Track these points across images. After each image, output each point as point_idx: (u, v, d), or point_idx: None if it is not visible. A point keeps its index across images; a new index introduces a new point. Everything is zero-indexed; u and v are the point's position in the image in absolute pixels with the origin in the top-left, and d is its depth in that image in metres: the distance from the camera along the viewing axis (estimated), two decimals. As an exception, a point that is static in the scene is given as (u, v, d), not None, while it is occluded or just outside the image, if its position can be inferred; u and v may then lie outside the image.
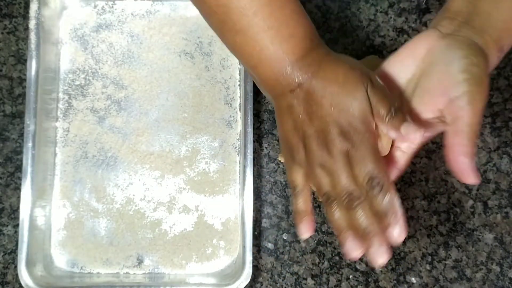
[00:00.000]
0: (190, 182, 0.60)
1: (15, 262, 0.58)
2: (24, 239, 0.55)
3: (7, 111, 0.61)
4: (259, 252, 0.60)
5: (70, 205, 0.59)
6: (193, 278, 0.58)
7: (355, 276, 0.59)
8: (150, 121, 0.61)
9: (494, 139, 0.61)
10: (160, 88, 0.61)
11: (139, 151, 0.60)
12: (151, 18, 0.62)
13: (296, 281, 0.59)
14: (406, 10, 0.63)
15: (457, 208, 0.60)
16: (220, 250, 0.59)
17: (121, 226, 0.59)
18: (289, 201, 0.60)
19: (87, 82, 0.61)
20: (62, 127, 0.60)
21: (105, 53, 0.61)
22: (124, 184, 0.60)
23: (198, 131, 0.61)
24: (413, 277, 0.59)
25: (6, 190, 0.60)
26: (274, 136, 0.61)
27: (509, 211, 0.60)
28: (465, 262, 0.60)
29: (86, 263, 0.59)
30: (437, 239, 0.60)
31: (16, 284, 0.59)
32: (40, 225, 0.57)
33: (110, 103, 0.61)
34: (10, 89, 0.61)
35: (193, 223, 0.60)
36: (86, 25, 0.62)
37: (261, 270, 0.60)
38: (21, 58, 0.62)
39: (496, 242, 0.60)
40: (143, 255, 0.59)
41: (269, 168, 0.61)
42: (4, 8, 0.62)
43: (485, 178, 0.60)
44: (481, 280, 0.59)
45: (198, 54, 0.61)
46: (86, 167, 0.60)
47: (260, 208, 0.60)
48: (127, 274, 0.59)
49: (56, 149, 0.60)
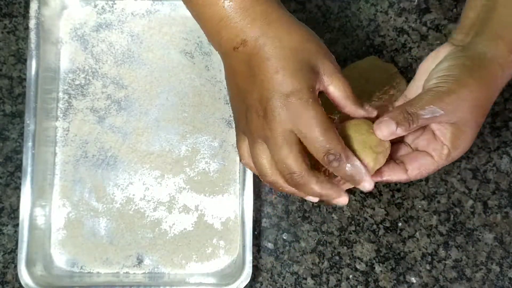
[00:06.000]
0: (190, 181, 0.60)
1: (15, 262, 0.58)
2: (24, 238, 0.55)
3: (7, 110, 0.61)
4: (259, 252, 0.60)
5: (70, 205, 0.59)
6: (193, 278, 0.58)
7: (355, 276, 0.59)
8: (150, 120, 0.61)
9: (494, 139, 0.61)
10: (160, 88, 0.61)
11: (139, 151, 0.60)
12: (151, 17, 0.62)
13: (296, 281, 0.59)
14: (406, 10, 0.63)
15: (457, 208, 0.60)
16: (220, 250, 0.59)
17: (121, 226, 0.59)
18: (289, 200, 0.60)
19: (87, 81, 0.61)
20: (62, 126, 0.60)
21: (105, 53, 0.61)
22: (124, 183, 0.60)
23: (198, 130, 0.61)
24: (413, 277, 0.59)
25: (6, 189, 0.60)
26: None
27: (509, 211, 0.60)
28: (465, 262, 0.60)
29: (86, 263, 0.59)
30: (437, 239, 0.60)
31: (16, 284, 0.59)
32: (40, 225, 0.57)
33: (110, 103, 0.61)
34: (10, 88, 0.61)
35: (193, 223, 0.60)
36: (86, 24, 0.62)
37: (261, 270, 0.60)
38: (21, 57, 0.62)
39: (496, 242, 0.60)
40: (143, 255, 0.59)
41: (269, 168, 0.61)
42: (4, 8, 0.62)
43: (485, 178, 0.60)
44: (481, 280, 0.59)
45: (198, 54, 0.61)
46: (86, 167, 0.60)
47: (260, 208, 0.60)
48: (127, 273, 0.59)
49: (56, 148, 0.60)
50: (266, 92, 0.37)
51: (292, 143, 0.38)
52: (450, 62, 0.42)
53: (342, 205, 0.40)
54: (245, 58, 0.38)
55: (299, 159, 0.38)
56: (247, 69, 0.38)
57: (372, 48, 0.62)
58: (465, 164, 0.61)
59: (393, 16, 0.63)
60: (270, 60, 0.37)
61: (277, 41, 0.37)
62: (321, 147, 0.37)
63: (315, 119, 0.37)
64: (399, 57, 0.62)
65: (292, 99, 0.37)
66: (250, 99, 0.39)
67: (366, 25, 0.62)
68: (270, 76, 0.37)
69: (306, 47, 0.38)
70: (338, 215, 0.60)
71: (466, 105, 0.41)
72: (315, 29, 0.62)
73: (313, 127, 0.37)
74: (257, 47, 0.38)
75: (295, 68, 0.37)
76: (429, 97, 0.40)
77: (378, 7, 0.63)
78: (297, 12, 0.62)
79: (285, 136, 0.37)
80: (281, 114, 0.37)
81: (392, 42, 0.62)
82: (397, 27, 0.62)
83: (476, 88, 0.41)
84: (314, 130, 0.37)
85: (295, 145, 0.38)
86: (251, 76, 0.38)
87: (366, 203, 0.60)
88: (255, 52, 0.38)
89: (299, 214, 0.60)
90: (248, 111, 0.39)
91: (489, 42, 0.42)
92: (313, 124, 0.37)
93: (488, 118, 0.61)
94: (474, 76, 0.41)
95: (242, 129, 0.41)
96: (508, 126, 0.61)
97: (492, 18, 0.42)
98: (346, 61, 0.62)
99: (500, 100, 0.61)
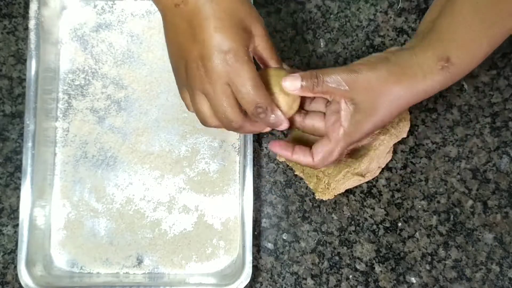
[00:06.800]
0: (190, 182, 0.60)
1: (15, 262, 0.58)
2: (24, 239, 0.55)
3: (7, 111, 0.61)
4: (259, 252, 0.60)
5: (70, 205, 0.59)
6: (193, 278, 0.58)
7: (355, 276, 0.59)
8: (150, 121, 0.61)
9: (494, 139, 0.61)
10: (160, 88, 0.61)
11: (139, 151, 0.60)
12: (151, 18, 0.62)
13: (296, 281, 0.59)
14: (406, 10, 0.63)
15: (457, 208, 0.60)
16: (220, 250, 0.59)
17: (121, 226, 0.59)
18: (289, 201, 0.60)
19: (87, 82, 0.61)
20: (62, 127, 0.60)
21: (105, 53, 0.61)
22: (124, 184, 0.60)
23: (198, 131, 0.61)
24: (413, 277, 0.59)
25: (6, 190, 0.60)
26: (274, 136, 0.61)
27: (509, 211, 0.60)
28: (464, 262, 0.60)
29: (86, 263, 0.59)
30: (437, 239, 0.60)
31: (16, 284, 0.59)
32: (40, 225, 0.57)
33: (110, 103, 0.61)
34: (10, 89, 0.61)
35: (193, 223, 0.60)
36: (86, 25, 0.61)
37: (261, 270, 0.60)
38: (21, 58, 0.62)
39: (496, 242, 0.60)
40: (143, 255, 0.59)
41: (269, 168, 0.61)
42: (4, 8, 0.62)
43: (485, 178, 0.60)
44: (481, 280, 0.59)
45: (198, 54, 0.61)
46: (86, 167, 0.60)
47: (260, 208, 0.60)
48: (127, 274, 0.59)
49: (55, 149, 0.60)
50: (206, 50, 0.41)
51: (229, 95, 0.43)
52: (379, 54, 0.46)
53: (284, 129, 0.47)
54: (186, 16, 0.41)
55: (236, 109, 0.43)
56: (188, 27, 0.42)
57: (372, 48, 0.62)
58: (465, 164, 0.61)
59: (392, 16, 0.63)
60: (209, 19, 0.41)
61: (215, 3, 0.41)
62: (252, 100, 0.42)
63: (248, 75, 0.41)
64: (399, 57, 0.62)
65: (229, 56, 0.41)
66: (191, 55, 0.42)
67: (366, 25, 0.62)
68: (210, 35, 0.40)
69: (241, 9, 0.42)
70: (338, 215, 0.60)
71: (370, 88, 0.44)
72: (315, 29, 0.62)
73: (247, 82, 0.41)
74: (198, 6, 0.41)
75: (232, 28, 0.41)
76: (340, 71, 0.44)
77: (378, 7, 0.63)
78: (297, 12, 0.62)
79: (223, 90, 0.42)
80: (220, 70, 0.41)
81: (392, 42, 0.62)
82: (397, 27, 0.62)
83: (385, 77, 0.43)
84: (247, 85, 0.41)
85: (232, 97, 0.43)
86: (191, 34, 0.41)
87: (366, 203, 0.60)
88: (196, 12, 0.41)
89: (299, 214, 0.60)
90: (189, 66, 0.43)
91: (420, 49, 0.44)
92: (246, 80, 0.41)
93: (488, 118, 0.61)
94: (388, 68, 0.44)
95: (182, 82, 0.45)
96: (508, 126, 0.61)
97: (434, 27, 0.45)
98: (346, 61, 0.62)
99: (500, 100, 0.61)
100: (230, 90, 0.42)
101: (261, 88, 0.42)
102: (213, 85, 0.42)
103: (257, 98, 0.42)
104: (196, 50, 0.41)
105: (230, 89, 0.42)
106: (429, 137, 0.61)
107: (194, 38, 0.41)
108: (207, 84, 0.42)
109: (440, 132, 0.61)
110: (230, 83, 0.42)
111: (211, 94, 0.42)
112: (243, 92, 0.42)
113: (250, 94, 0.42)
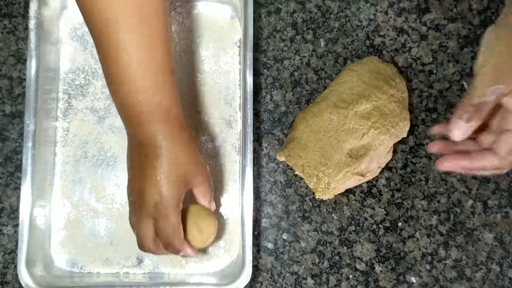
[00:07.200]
0: (190, 182, 0.60)
1: (15, 262, 0.58)
2: (24, 239, 0.55)
3: (7, 111, 0.61)
4: (259, 252, 0.60)
5: (70, 205, 0.59)
6: (193, 278, 0.58)
7: (355, 276, 0.59)
8: (150, 120, 0.60)
9: (494, 139, 0.61)
10: (160, 88, 0.61)
11: (139, 151, 0.60)
12: (151, 17, 0.62)
13: (296, 280, 0.59)
14: (406, 10, 0.63)
15: (457, 208, 0.60)
16: (220, 250, 0.59)
17: (121, 226, 0.59)
18: (289, 200, 0.60)
19: (87, 81, 0.61)
20: (62, 126, 0.60)
21: (105, 53, 0.61)
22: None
23: (198, 131, 0.61)
24: (413, 277, 0.59)
25: (6, 190, 0.60)
26: (274, 136, 0.61)
27: (509, 210, 0.60)
28: (465, 261, 0.60)
29: (86, 263, 0.59)
30: (437, 239, 0.60)
31: (16, 284, 0.59)
32: (40, 225, 0.57)
33: (110, 103, 0.61)
34: (10, 89, 0.61)
35: (193, 223, 0.59)
36: (86, 24, 0.61)
37: (261, 270, 0.60)
38: (20, 57, 0.62)
39: (496, 242, 0.60)
40: (143, 255, 0.59)
41: (269, 168, 0.61)
42: (4, 8, 0.62)
43: (485, 178, 0.60)
44: (481, 279, 0.59)
45: (198, 54, 0.61)
46: (86, 167, 0.60)
47: (260, 208, 0.60)
48: (127, 273, 0.59)
49: (56, 148, 0.60)
50: (146, 189, 0.49)
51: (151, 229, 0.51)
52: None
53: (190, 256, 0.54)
54: (144, 151, 0.49)
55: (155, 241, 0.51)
56: (144, 160, 0.49)
57: (372, 48, 0.62)
58: (465, 164, 0.61)
59: (393, 16, 0.63)
60: (162, 167, 0.48)
61: (173, 158, 0.48)
62: (168, 242, 0.50)
63: (172, 221, 0.49)
64: (399, 57, 0.62)
65: (162, 202, 0.48)
66: (135, 185, 0.50)
67: (366, 25, 0.62)
68: (154, 181, 0.48)
69: (190, 164, 0.50)
70: (338, 215, 0.60)
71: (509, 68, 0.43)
72: (315, 29, 0.62)
73: (168, 227, 0.49)
74: (156, 153, 0.48)
75: (174, 182, 0.49)
76: (479, 83, 0.43)
77: (378, 7, 0.63)
78: (297, 12, 0.62)
79: (148, 223, 0.50)
80: (149, 210, 0.49)
81: (392, 42, 0.62)
82: (397, 27, 0.62)
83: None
84: (167, 229, 0.49)
85: (152, 231, 0.50)
86: (142, 169, 0.49)
87: (366, 203, 0.60)
88: (157, 153, 0.48)
89: (299, 214, 0.60)
90: (132, 190, 0.51)
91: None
92: (168, 224, 0.49)
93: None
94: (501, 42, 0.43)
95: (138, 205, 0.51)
96: (508, 126, 0.61)
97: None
98: (346, 61, 0.62)
99: (500, 100, 0.61)
100: (153, 226, 0.50)
101: (178, 234, 0.50)
102: (139, 219, 0.50)
103: (172, 241, 0.50)
104: (139, 184, 0.49)
105: (153, 225, 0.50)
106: (429, 137, 0.61)
107: (144, 174, 0.49)
108: (139, 220, 0.50)
109: (440, 132, 0.61)
110: (154, 221, 0.49)
111: (139, 223, 0.50)
112: (162, 233, 0.50)
113: (169, 237, 0.50)
